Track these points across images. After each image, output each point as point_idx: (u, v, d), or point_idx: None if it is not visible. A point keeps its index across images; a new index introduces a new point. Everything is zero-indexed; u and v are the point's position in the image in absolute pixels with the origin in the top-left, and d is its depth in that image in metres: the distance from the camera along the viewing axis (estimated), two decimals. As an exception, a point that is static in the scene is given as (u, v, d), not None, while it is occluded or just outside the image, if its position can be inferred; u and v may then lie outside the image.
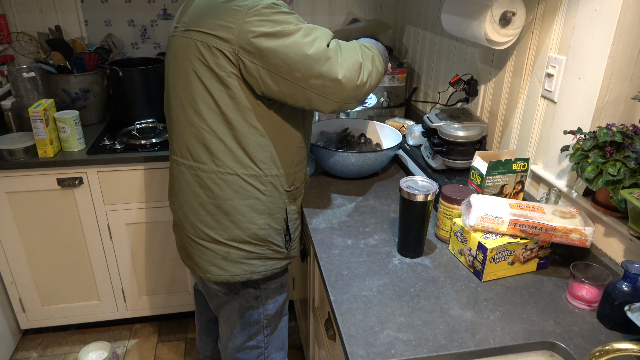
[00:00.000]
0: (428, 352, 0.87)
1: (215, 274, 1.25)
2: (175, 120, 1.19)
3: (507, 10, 1.23)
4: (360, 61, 1.08)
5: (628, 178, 0.97)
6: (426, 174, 1.47)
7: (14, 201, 1.78)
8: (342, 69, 1.05)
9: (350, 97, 1.09)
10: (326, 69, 1.04)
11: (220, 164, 1.15)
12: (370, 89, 1.13)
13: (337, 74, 1.05)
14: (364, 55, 1.11)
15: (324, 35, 1.08)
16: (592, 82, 1.06)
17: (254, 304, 1.32)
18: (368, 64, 1.11)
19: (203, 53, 1.08)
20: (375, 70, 1.13)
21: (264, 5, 1.04)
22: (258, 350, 1.39)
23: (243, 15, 1.03)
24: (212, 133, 1.13)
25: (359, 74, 1.08)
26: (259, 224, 1.21)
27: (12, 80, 1.81)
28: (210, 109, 1.11)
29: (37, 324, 2.04)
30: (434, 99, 1.91)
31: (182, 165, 1.19)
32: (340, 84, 1.05)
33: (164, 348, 2.09)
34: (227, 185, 1.16)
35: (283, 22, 1.04)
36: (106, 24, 2.24)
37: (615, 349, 0.73)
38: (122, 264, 1.98)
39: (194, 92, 1.12)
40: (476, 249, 1.07)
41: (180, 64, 1.13)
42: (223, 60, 1.06)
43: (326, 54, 1.04)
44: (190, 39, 1.10)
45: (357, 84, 1.08)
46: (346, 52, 1.07)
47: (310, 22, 2.37)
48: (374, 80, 1.13)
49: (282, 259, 1.31)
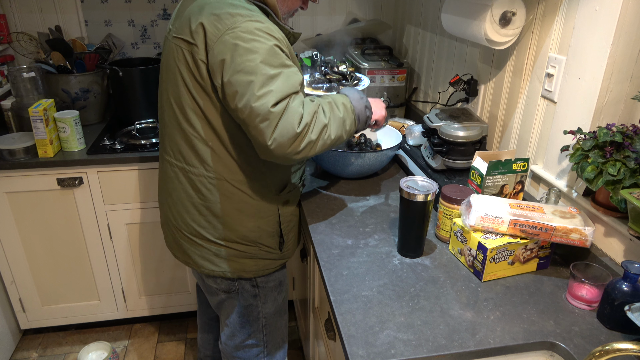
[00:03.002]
0: (428, 352, 0.87)
1: (208, 268, 1.26)
2: (168, 123, 1.19)
3: (507, 10, 1.23)
4: (297, 132, 1.01)
5: (628, 178, 0.97)
6: (426, 174, 1.47)
7: (14, 201, 1.78)
8: (276, 134, 1.00)
9: (282, 158, 1.04)
10: (261, 127, 1.00)
11: (210, 169, 1.16)
12: (311, 155, 1.08)
13: (267, 140, 1.00)
14: (314, 124, 1.05)
15: (282, 89, 1.01)
16: (592, 82, 1.06)
17: (252, 303, 1.33)
18: (312, 135, 1.04)
19: (189, 62, 1.08)
20: (320, 141, 1.06)
21: (243, 29, 1.01)
22: (258, 348, 1.39)
23: (221, 33, 1.02)
24: (200, 139, 1.14)
25: (292, 142, 1.02)
26: (248, 227, 1.22)
27: (12, 80, 1.81)
28: (198, 116, 1.12)
29: (37, 324, 2.04)
30: (434, 99, 1.91)
31: (176, 166, 1.20)
32: (268, 147, 1.01)
33: (164, 348, 2.09)
34: (216, 189, 1.17)
35: (253, 53, 1.00)
36: (106, 24, 2.24)
37: (615, 349, 0.73)
38: (122, 264, 1.98)
39: (182, 99, 1.12)
40: (476, 249, 1.07)
41: (170, 69, 1.14)
42: (204, 71, 1.07)
43: (266, 115, 0.99)
44: (179, 46, 1.10)
45: (287, 151, 1.02)
46: (288, 117, 1.01)
47: (310, 21, 2.37)
48: (317, 149, 1.07)
49: (275, 260, 1.31)
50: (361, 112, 1.17)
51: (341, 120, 1.11)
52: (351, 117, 1.14)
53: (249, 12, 1.05)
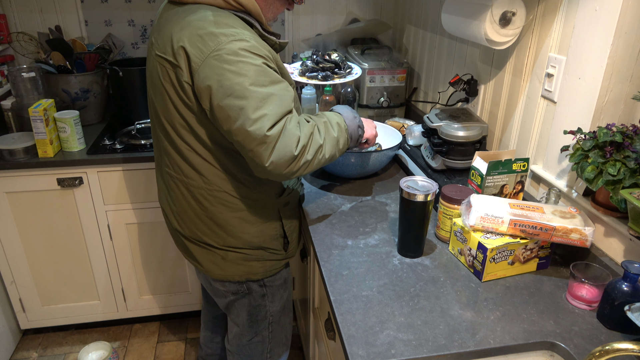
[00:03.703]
0: (428, 352, 0.87)
1: (215, 272, 1.27)
2: (162, 138, 1.18)
3: (507, 10, 1.23)
4: (294, 154, 1.02)
5: (628, 178, 0.97)
6: (426, 174, 1.47)
7: (14, 201, 1.78)
8: (272, 157, 1.01)
9: (278, 178, 1.05)
10: (258, 150, 1.00)
11: (208, 182, 1.16)
12: (303, 174, 1.09)
13: (264, 162, 1.01)
14: (310, 145, 1.06)
15: (276, 112, 1.01)
16: (592, 82, 1.06)
17: (261, 302, 1.34)
18: (308, 156, 1.05)
19: (174, 82, 1.06)
20: (316, 161, 1.08)
21: (228, 51, 0.98)
22: (262, 345, 1.41)
23: (205, 56, 0.99)
24: (195, 153, 1.13)
25: (289, 164, 1.03)
26: (251, 233, 1.22)
27: (12, 80, 1.81)
28: (188, 132, 1.11)
29: (37, 324, 2.04)
30: (434, 99, 1.91)
31: (176, 179, 1.20)
32: (265, 169, 1.02)
33: (164, 348, 2.09)
34: (216, 200, 1.17)
35: (242, 76, 0.98)
36: (106, 24, 2.24)
37: (615, 349, 0.73)
38: (122, 264, 1.98)
39: (171, 116, 1.11)
40: (476, 249, 1.07)
41: (157, 87, 1.12)
42: (190, 93, 1.05)
43: (263, 139, 0.99)
44: (163, 65, 1.07)
45: (283, 172, 1.03)
46: (286, 140, 1.01)
47: (310, 21, 2.37)
48: (311, 168, 1.08)
49: (281, 260, 1.32)
50: (354, 132, 1.20)
51: (335, 140, 1.13)
52: (344, 137, 1.17)
53: (233, 29, 1.01)
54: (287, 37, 2.39)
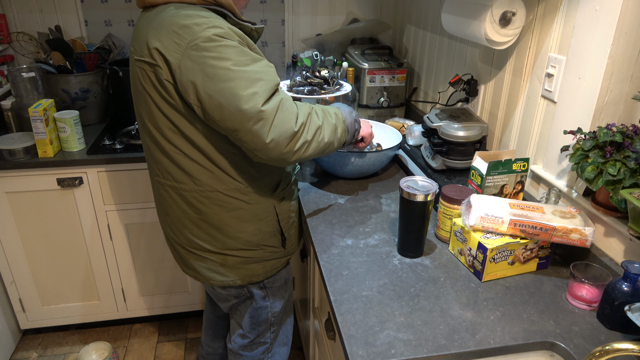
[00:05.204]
0: (428, 352, 0.87)
1: (217, 280, 1.27)
2: (150, 145, 1.18)
3: (507, 10, 1.23)
4: (294, 130, 1.02)
5: (628, 178, 0.97)
6: (426, 174, 1.47)
7: (14, 201, 1.78)
8: (272, 133, 1.00)
9: (278, 159, 1.05)
10: (257, 129, 1.00)
11: (200, 183, 1.15)
12: (304, 158, 1.08)
13: (265, 138, 1.00)
14: (309, 124, 1.06)
15: (266, 88, 1.01)
16: (592, 82, 1.06)
17: (262, 304, 1.35)
18: (307, 135, 1.05)
19: (155, 83, 1.06)
20: (315, 143, 1.07)
21: (204, 39, 0.97)
22: (264, 346, 1.42)
23: (183, 49, 0.98)
24: (184, 156, 1.12)
25: (289, 142, 1.03)
26: (249, 232, 1.22)
27: (12, 80, 1.81)
28: (176, 134, 1.10)
29: (37, 324, 2.04)
30: (434, 99, 1.91)
31: (167, 185, 1.19)
32: (266, 146, 1.01)
33: (164, 348, 2.09)
34: (210, 201, 1.17)
35: (223, 60, 0.98)
36: (106, 24, 2.24)
37: (615, 349, 0.73)
38: (122, 264, 1.98)
39: (157, 119, 1.10)
40: (476, 249, 1.07)
41: (140, 93, 1.12)
42: (172, 91, 1.04)
43: (259, 115, 0.99)
44: (142, 69, 1.07)
45: (283, 151, 1.03)
46: (284, 116, 1.01)
47: (310, 21, 2.37)
48: (310, 152, 1.07)
49: (280, 258, 1.32)
50: (350, 125, 1.20)
51: (333, 127, 1.13)
52: (342, 126, 1.17)
53: (205, 19, 1.00)
54: (287, 37, 2.39)
